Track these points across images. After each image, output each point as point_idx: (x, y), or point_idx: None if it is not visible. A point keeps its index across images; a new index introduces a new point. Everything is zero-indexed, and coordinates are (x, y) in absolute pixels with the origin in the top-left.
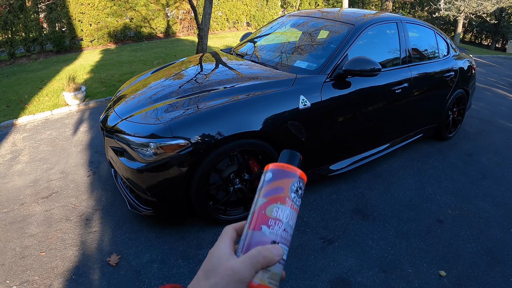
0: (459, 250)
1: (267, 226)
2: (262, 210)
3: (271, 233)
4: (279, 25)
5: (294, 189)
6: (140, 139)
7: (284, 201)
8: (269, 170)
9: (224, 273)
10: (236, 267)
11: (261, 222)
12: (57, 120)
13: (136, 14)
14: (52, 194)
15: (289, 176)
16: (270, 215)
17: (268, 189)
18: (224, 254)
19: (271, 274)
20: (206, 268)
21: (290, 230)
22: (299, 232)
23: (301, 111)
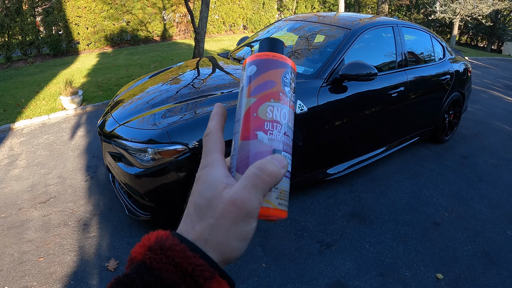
0: (456, 252)
1: (264, 132)
2: (254, 113)
3: (270, 139)
4: (276, 29)
5: (287, 82)
6: (137, 145)
7: (278, 97)
8: (252, 62)
9: (225, 209)
10: (239, 197)
11: (255, 127)
12: (54, 125)
13: (133, 17)
14: (50, 199)
15: (278, 66)
16: (264, 117)
17: (256, 85)
18: (219, 180)
19: (279, 193)
20: (198, 203)
21: (291, 133)
22: (296, 236)
23: (298, 115)
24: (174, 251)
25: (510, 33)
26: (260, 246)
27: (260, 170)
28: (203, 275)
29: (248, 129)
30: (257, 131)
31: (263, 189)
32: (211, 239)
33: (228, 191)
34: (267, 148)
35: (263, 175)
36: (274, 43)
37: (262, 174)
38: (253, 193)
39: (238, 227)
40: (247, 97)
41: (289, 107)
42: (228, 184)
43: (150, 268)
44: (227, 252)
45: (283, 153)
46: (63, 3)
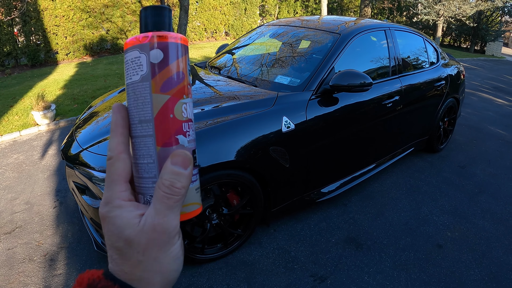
0: (462, 278)
1: (183, 134)
2: (170, 113)
3: (189, 141)
4: (258, 36)
5: (189, 70)
6: (102, 174)
7: (188, 91)
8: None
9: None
10: (157, 223)
11: (175, 131)
12: (25, 142)
13: (113, 25)
14: (15, 229)
15: (185, 52)
16: (181, 117)
17: (166, 78)
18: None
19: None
20: (117, 246)
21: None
22: (286, 270)
23: (285, 134)
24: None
25: (493, 34)
26: (246, 282)
27: (170, 190)
28: None
29: (168, 133)
30: (178, 135)
31: (178, 206)
32: (144, 275)
33: (146, 221)
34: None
35: (174, 196)
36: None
37: (172, 194)
38: (169, 214)
39: (166, 252)
40: (155, 93)
41: (191, 98)
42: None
43: None
44: (166, 278)
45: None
46: (41, 12)
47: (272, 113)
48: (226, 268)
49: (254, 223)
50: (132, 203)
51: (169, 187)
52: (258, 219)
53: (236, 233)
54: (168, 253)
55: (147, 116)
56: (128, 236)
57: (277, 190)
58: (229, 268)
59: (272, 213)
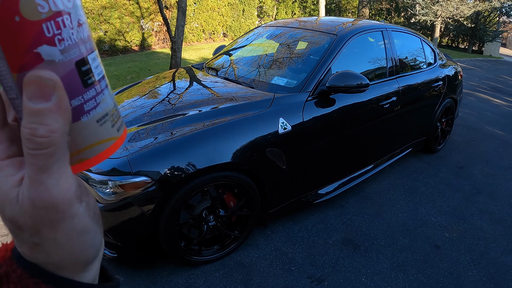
0: (461, 279)
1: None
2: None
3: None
4: (255, 37)
5: None
6: (99, 176)
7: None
8: None
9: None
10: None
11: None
12: None
13: (111, 27)
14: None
15: None
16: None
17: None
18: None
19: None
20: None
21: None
22: (283, 271)
23: (281, 135)
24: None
25: (490, 34)
26: (243, 284)
27: (32, 145)
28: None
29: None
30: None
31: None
32: (48, 259)
33: (22, 195)
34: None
35: (41, 151)
36: None
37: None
38: (45, 180)
39: (64, 230)
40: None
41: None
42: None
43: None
44: (77, 258)
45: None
46: None
47: (268, 115)
48: (223, 270)
49: (251, 224)
50: (10, 162)
51: (29, 138)
52: (255, 221)
53: (233, 234)
54: (68, 231)
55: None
56: (10, 216)
57: (274, 192)
58: (226, 270)
59: (269, 214)
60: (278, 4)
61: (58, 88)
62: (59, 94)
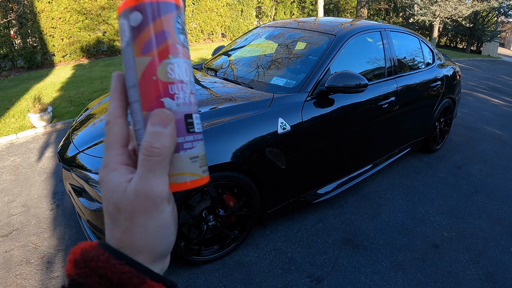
0: (459, 278)
1: (170, 97)
2: (152, 75)
3: (179, 104)
4: (254, 37)
5: (180, 27)
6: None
7: (175, 50)
8: (134, 7)
9: (134, 206)
10: (140, 188)
11: (158, 94)
12: (22, 145)
13: (109, 27)
14: (12, 232)
15: (169, 9)
16: (166, 79)
17: (146, 40)
18: (120, 183)
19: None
20: (108, 211)
21: (194, 87)
22: (282, 271)
23: (280, 135)
24: (98, 262)
25: (489, 34)
26: (243, 284)
27: (148, 152)
28: (132, 283)
29: (151, 97)
30: (163, 98)
31: (161, 169)
32: (133, 242)
33: (129, 186)
34: (177, 116)
35: (153, 157)
36: None
37: (151, 155)
38: (151, 178)
39: (153, 218)
40: (137, 56)
41: (187, 58)
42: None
43: (78, 284)
44: (155, 247)
45: (194, 116)
46: (38, 14)
47: (268, 115)
48: (223, 270)
49: (250, 224)
50: (126, 167)
51: (147, 148)
52: (255, 221)
53: (233, 234)
54: (156, 221)
55: (133, 81)
56: (116, 200)
57: (273, 192)
58: (226, 269)
59: (269, 214)
60: (276, 4)
61: (172, 122)
62: (172, 126)
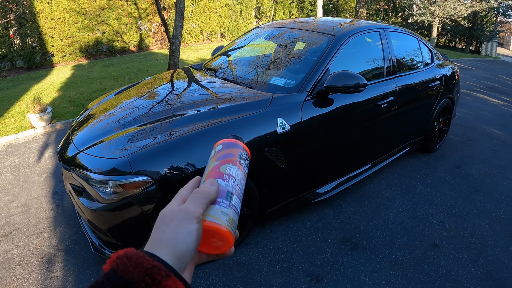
0: (458, 276)
1: (222, 179)
2: (217, 169)
3: (226, 184)
4: (253, 37)
5: (243, 157)
6: (99, 176)
7: (235, 163)
8: (220, 143)
9: (173, 215)
10: (183, 206)
11: (216, 176)
12: (21, 145)
13: (108, 28)
14: (12, 232)
15: (237, 147)
16: (224, 171)
17: (221, 155)
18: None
19: (228, 218)
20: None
21: (242, 187)
22: (282, 270)
23: (280, 135)
24: (137, 257)
25: (488, 34)
26: (242, 283)
27: (196, 191)
28: (160, 273)
29: (212, 177)
30: (218, 179)
31: (200, 201)
32: (162, 239)
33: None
34: (223, 189)
35: (198, 193)
36: (238, 137)
37: (197, 193)
38: (191, 203)
39: (183, 224)
40: (213, 161)
41: (242, 172)
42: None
43: (116, 271)
44: (177, 244)
45: (234, 196)
46: (37, 14)
47: (267, 115)
48: (222, 269)
49: (250, 224)
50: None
51: (196, 190)
52: (254, 220)
53: None
54: (184, 226)
55: (206, 172)
56: (164, 212)
57: (272, 191)
58: (225, 268)
59: (268, 214)
60: (275, 4)
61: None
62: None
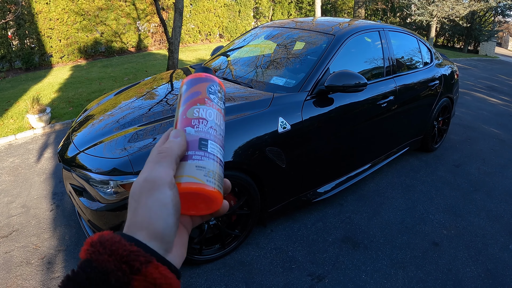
0: (459, 275)
1: (191, 126)
2: (183, 115)
3: (197, 131)
4: (253, 37)
5: (212, 91)
6: (100, 176)
7: (203, 102)
8: (184, 83)
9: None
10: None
11: (183, 125)
12: (20, 146)
13: (107, 28)
14: (12, 233)
15: (204, 81)
16: (191, 116)
17: (185, 97)
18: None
19: (207, 172)
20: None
21: (219, 129)
22: (283, 270)
23: (281, 135)
24: (112, 242)
25: (486, 34)
26: (244, 283)
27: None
28: (138, 260)
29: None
30: (185, 127)
31: (166, 162)
32: (137, 219)
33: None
34: (194, 138)
35: (161, 154)
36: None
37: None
38: (156, 167)
39: (154, 197)
40: (179, 107)
41: (215, 109)
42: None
43: (90, 261)
44: (154, 223)
45: (210, 142)
46: (35, 15)
47: (268, 114)
48: (224, 269)
49: (251, 223)
50: None
51: (159, 148)
52: (255, 220)
53: (234, 233)
54: (156, 199)
55: (174, 120)
56: (132, 189)
57: (273, 191)
58: (227, 268)
59: (269, 213)
60: (274, 5)
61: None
62: (181, 138)
